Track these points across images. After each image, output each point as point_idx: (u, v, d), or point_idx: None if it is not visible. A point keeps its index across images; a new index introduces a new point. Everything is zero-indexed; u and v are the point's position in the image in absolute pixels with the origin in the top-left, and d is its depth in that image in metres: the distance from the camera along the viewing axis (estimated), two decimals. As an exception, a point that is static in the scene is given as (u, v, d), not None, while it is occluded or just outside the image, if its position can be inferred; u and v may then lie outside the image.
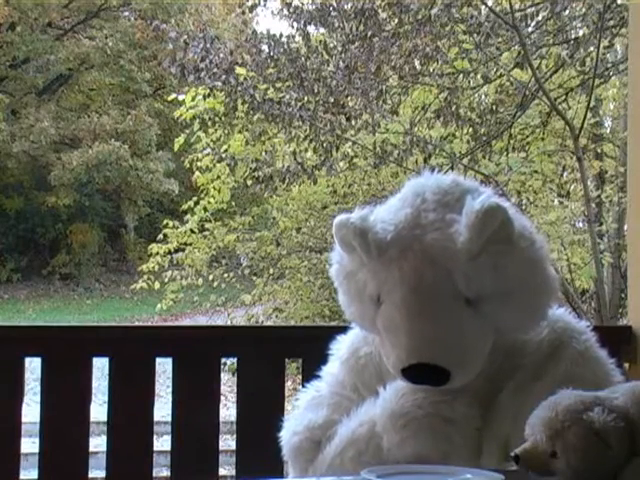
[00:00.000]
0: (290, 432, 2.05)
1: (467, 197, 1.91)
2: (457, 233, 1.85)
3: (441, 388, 1.89)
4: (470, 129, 7.61)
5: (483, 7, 7.26)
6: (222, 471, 3.01)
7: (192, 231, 9.84)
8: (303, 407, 2.09)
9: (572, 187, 8.93)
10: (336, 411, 2.03)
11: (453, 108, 7.43)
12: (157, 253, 9.81)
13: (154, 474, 2.80)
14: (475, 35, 7.14)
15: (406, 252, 1.87)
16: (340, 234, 1.93)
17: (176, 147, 9.85)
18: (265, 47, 8.28)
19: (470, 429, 1.87)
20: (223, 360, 3.02)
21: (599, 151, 9.09)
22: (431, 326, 1.85)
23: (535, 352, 1.98)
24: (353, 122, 7.81)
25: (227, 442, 4.14)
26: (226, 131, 9.15)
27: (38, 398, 2.73)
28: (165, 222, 10.23)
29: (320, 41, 7.97)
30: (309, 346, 2.56)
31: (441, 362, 1.85)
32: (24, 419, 2.71)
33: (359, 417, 1.96)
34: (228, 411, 4.34)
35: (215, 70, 7.92)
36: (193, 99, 8.72)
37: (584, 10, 7.21)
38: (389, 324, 1.90)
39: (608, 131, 9.74)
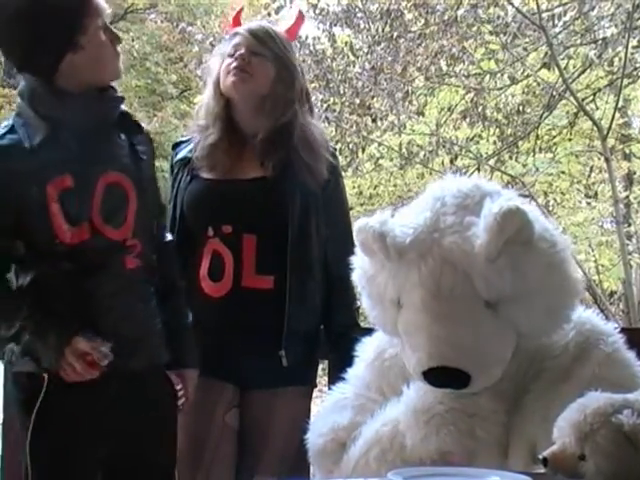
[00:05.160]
0: (315, 434, 2.06)
1: (486, 200, 1.90)
2: (475, 236, 1.84)
3: (462, 391, 1.88)
4: (497, 130, 7.58)
5: (510, 7, 7.23)
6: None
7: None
8: (328, 409, 2.09)
9: (600, 188, 8.86)
10: (360, 413, 2.03)
11: (479, 109, 7.41)
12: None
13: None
14: (502, 36, 7.11)
15: (425, 255, 1.87)
16: (360, 238, 1.93)
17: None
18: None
19: (494, 423, 1.87)
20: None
21: (627, 151, 9.02)
22: (451, 329, 1.85)
23: (562, 354, 1.96)
24: (379, 123, 7.80)
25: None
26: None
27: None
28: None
29: (346, 42, 7.96)
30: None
31: (461, 365, 1.84)
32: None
33: (383, 417, 1.96)
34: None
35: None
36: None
37: (612, 10, 7.16)
38: (409, 327, 1.90)
39: (637, 131, 9.66)
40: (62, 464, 2.15)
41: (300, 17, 2.61)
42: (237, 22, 2.56)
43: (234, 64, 2.42)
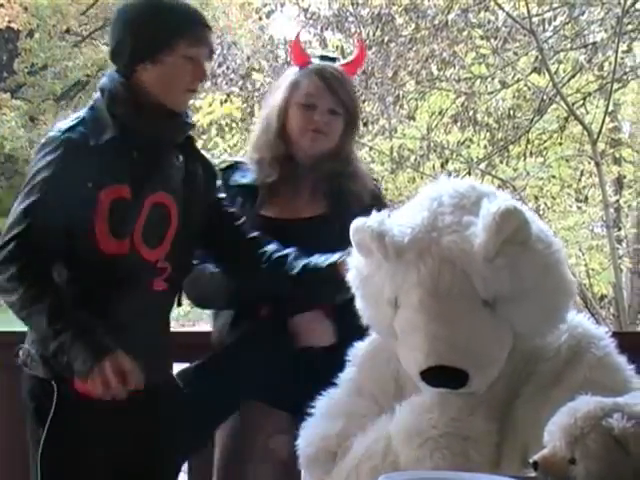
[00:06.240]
0: (306, 442, 2.04)
1: (484, 200, 1.90)
2: (474, 235, 1.85)
3: (460, 391, 1.88)
4: (487, 134, 7.60)
5: (500, 12, 7.25)
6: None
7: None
8: (319, 416, 2.07)
9: (590, 192, 8.88)
10: (352, 421, 2.01)
11: (470, 113, 7.42)
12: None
13: None
14: (492, 40, 7.13)
15: (423, 255, 1.87)
16: (357, 238, 1.93)
17: (193, 153, 9.84)
18: (282, 53, 8.29)
19: (487, 445, 1.86)
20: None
21: (617, 156, 9.04)
22: (449, 328, 1.84)
23: (554, 357, 1.96)
24: (370, 127, 7.81)
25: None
26: (243, 137, 9.16)
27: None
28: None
29: (337, 46, 7.96)
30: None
31: (459, 364, 1.84)
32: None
33: (374, 433, 1.94)
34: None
35: (232, 76, 7.94)
36: (210, 105, 8.74)
37: (602, 14, 7.18)
38: (407, 327, 1.89)
39: (627, 136, 9.68)
40: (75, 475, 2.15)
41: (362, 52, 2.68)
42: (298, 49, 2.59)
43: (314, 127, 2.45)
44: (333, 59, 2.59)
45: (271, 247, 2.31)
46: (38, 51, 16.97)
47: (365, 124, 7.81)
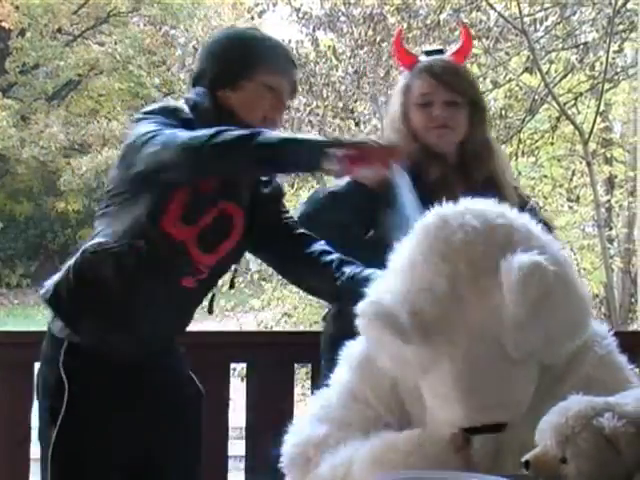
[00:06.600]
0: (290, 443, 2.02)
1: (501, 259, 1.81)
2: (500, 307, 1.80)
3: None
4: (479, 134, 7.60)
5: (492, 12, 7.26)
6: (231, 476, 3.01)
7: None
8: (309, 417, 2.05)
9: (582, 192, 8.90)
10: (337, 428, 1.97)
11: (462, 113, 7.42)
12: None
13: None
14: (484, 40, 7.14)
15: (451, 336, 1.82)
16: (368, 330, 1.86)
17: (185, 152, 9.82)
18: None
19: None
20: (232, 365, 3.02)
21: (609, 156, 9.07)
22: (485, 397, 1.81)
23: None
24: (362, 127, 7.81)
25: (237, 447, 4.14)
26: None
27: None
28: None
29: (329, 46, 7.97)
30: (318, 351, 2.56)
31: (497, 420, 1.84)
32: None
33: (343, 454, 1.90)
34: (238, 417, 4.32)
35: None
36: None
37: (593, 14, 7.20)
38: (438, 392, 1.85)
39: (618, 136, 9.71)
40: (85, 474, 2.16)
41: (468, 38, 2.64)
42: (402, 51, 2.57)
43: (436, 123, 2.44)
44: (440, 51, 2.58)
45: (317, 247, 2.31)
46: (30, 50, 16.93)
47: (357, 124, 7.82)
